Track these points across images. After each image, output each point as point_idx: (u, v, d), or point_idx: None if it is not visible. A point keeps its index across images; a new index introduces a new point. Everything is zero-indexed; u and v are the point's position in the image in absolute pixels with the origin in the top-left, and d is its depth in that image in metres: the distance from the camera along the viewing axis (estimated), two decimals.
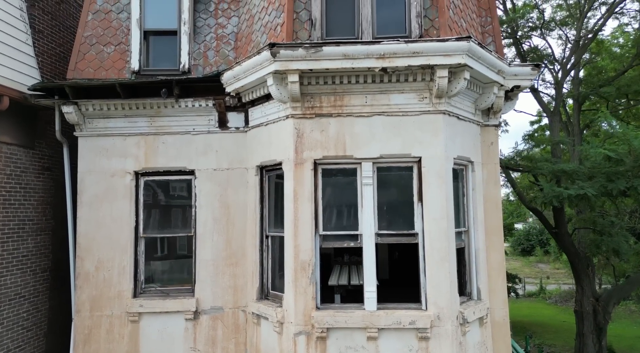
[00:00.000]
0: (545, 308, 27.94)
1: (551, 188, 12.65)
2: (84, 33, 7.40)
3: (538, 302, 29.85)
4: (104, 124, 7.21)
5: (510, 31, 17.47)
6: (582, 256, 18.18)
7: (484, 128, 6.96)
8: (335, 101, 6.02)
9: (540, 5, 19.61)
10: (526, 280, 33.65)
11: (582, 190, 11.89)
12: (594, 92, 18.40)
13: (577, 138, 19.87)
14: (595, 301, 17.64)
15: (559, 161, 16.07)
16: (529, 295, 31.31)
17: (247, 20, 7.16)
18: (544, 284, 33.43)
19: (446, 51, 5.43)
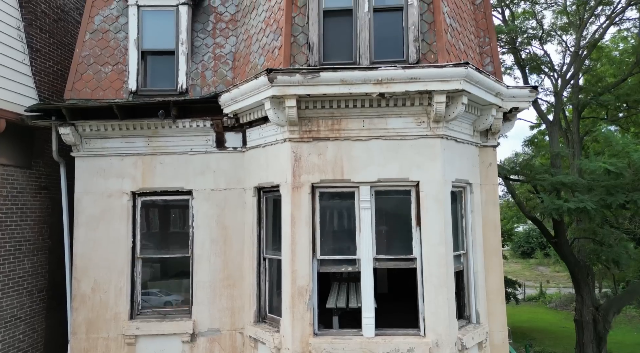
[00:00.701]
0: (545, 313, 27.84)
1: (551, 200, 12.62)
2: (81, 53, 7.38)
3: (538, 306, 29.75)
4: (101, 144, 7.19)
5: (509, 40, 17.49)
6: (582, 265, 18.16)
7: (482, 149, 6.93)
8: (332, 124, 6.00)
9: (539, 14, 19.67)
10: (526, 283, 33.58)
11: (582, 203, 11.86)
12: (594, 100, 18.41)
13: (577, 145, 19.88)
14: (595, 311, 17.60)
15: (559, 172, 16.06)
16: (529, 299, 31.19)
17: (245, 40, 7.15)
18: (544, 288, 33.33)
19: (444, 76, 5.42)
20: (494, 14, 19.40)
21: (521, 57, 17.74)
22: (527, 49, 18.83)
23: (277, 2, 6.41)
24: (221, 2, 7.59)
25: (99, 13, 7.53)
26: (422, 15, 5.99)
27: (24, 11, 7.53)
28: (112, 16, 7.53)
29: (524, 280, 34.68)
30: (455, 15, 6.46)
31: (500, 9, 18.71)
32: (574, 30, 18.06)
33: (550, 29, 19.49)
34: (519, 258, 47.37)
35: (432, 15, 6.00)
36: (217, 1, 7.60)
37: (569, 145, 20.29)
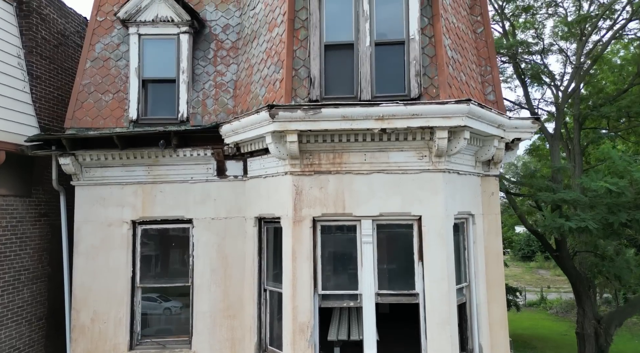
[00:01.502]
0: (546, 319, 27.67)
1: (553, 218, 12.58)
2: (82, 81, 7.37)
3: (539, 312, 29.58)
4: (101, 173, 7.16)
5: (509, 54, 17.50)
6: (584, 277, 18.10)
7: (484, 178, 6.89)
8: (334, 158, 5.96)
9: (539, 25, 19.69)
10: (526, 288, 33.42)
11: (584, 223, 11.83)
12: (595, 111, 18.42)
13: (578, 156, 19.84)
14: (597, 324, 17.51)
15: (560, 187, 16.03)
16: (529, 304, 30.98)
17: (247, 69, 7.13)
18: (544, 293, 33.14)
19: (445, 113, 5.39)
20: (494, 27, 19.49)
21: (522, 72, 17.75)
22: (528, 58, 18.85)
23: (278, 34, 6.39)
24: (222, 29, 7.58)
25: (100, 41, 7.53)
26: (423, 49, 5.98)
27: (24, 38, 7.53)
28: (113, 44, 7.52)
29: (525, 285, 34.53)
30: (456, 46, 6.44)
31: (500, 23, 18.75)
32: (575, 41, 18.06)
33: (551, 41, 19.54)
34: (519, 261, 47.21)
35: (433, 48, 5.98)
36: (218, 28, 7.59)
37: (570, 155, 20.27)
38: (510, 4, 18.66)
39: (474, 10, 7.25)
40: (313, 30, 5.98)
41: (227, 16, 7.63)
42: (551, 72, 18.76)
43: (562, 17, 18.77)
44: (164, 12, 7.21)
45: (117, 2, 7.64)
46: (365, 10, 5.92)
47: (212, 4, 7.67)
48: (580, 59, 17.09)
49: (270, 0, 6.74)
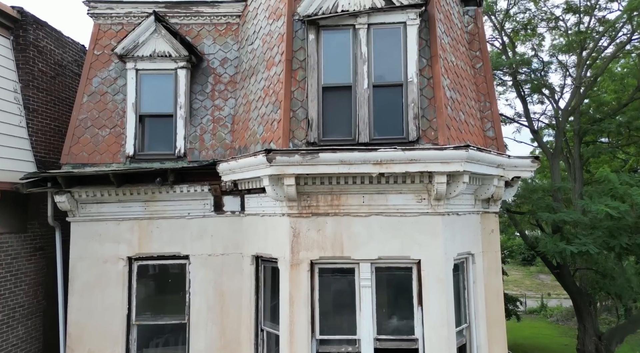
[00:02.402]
0: (546, 327, 27.43)
1: (554, 242, 12.49)
2: (78, 115, 7.32)
3: (539, 320, 29.35)
4: (97, 209, 7.09)
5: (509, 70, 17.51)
6: (584, 294, 17.99)
7: (484, 215, 6.83)
8: (332, 200, 5.90)
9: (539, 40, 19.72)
10: (527, 294, 33.20)
11: (585, 247, 11.77)
12: (595, 125, 18.42)
13: (578, 171, 19.81)
14: (598, 340, 17.37)
15: (560, 205, 15.96)
16: (530, 311, 30.73)
17: (245, 105, 7.09)
18: (545, 300, 32.89)
19: (444, 158, 5.33)
20: (494, 43, 19.54)
21: (522, 89, 17.75)
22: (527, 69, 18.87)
23: (276, 73, 6.36)
24: (220, 63, 7.55)
25: (97, 74, 7.49)
26: (422, 90, 5.94)
27: (20, 72, 7.50)
28: (110, 78, 7.49)
29: (525, 291, 34.29)
30: (455, 85, 6.40)
31: (500, 39, 18.78)
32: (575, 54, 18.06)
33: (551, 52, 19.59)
34: (519, 265, 46.98)
35: (432, 90, 5.94)
36: (216, 62, 7.56)
37: (570, 169, 20.25)
38: (510, 21, 18.74)
39: (472, 46, 7.22)
40: (311, 72, 5.95)
41: (225, 50, 7.60)
42: (551, 86, 18.77)
43: (563, 31, 18.78)
44: (161, 47, 7.18)
45: (114, 35, 7.62)
46: (364, 52, 5.89)
47: (210, 38, 7.65)
48: (580, 73, 17.06)
49: (268, 38, 6.71)
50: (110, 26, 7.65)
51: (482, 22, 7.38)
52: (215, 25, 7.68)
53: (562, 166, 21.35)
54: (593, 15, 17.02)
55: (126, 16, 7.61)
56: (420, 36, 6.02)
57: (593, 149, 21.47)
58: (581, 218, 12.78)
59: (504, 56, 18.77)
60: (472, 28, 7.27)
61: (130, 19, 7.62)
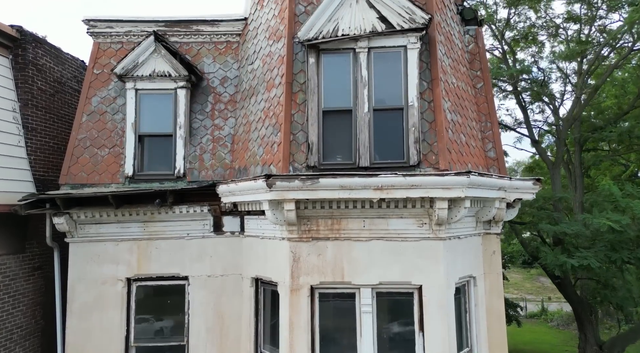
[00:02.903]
0: (547, 332, 27.25)
1: (555, 255, 12.45)
2: (78, 135, 7.29)
3: (540, 325, 29.18)
4: (96, 229, 7.04)
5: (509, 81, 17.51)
6: (585, 303, 17.92)
7: (485, 237, 6.77)
8: (332, 224, 5.86)
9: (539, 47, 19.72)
10: (527, 297, 33.05)
11: (586, 261, 11.73)
12: (596, 134, 18.39)
13: (579, 179, 19.77)
14: (599, 350, 17.29)
15: (561, 216, 15.92)
16: (530, 316, 30.55)
17: (245, 125, 7.05)
18: (545, 304, 32.72)
19: (445, 184, 5.29)
20: (494, 53, 19.54)
21: (523, 99, 17.74)
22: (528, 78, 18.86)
23: (276, 96, 6.33)
24: (220, 82, 7.52)
25: (97, 94, 7.46)
26: (422, 114, 5.90)
27: (19, 91, 7.47)
28: (109, 97, 7.45)
29: (525, 294, 34.10)
30: (456, 107, 6.37)
31: (500, 49, 18.77)
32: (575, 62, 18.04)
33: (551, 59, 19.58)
34: (519, 267, 46.78)
35: (432, 113, 5.91)
36: (216, 81, 7.53)
37: (571, 178, 20.21)
38: (510, 29, 18.74)
39: (473, 65, 7.19)
40: (311, 96, 5.91)
41: (225, 68, 7.57)
42: (551, 93, 18.73)
43: (563, 39, 18.75)
44: (161, 67, 7.15)
45: (114, 54, 7.59)
46: (364, 76, 5.86)
47: (210, 56, 7.62)
48: (581, 83, 17.03)
49: (268, 59, 6.68)
50: (110, 45, 7.62)
51: (483, 42, 7.36)
52: (215, 44, 7.66)
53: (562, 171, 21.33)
54: (594, 26, 17.03)
55: (126, 35, 7.59)
56: (421, 59, 5.99)
57: (594, 157, 21.45)
58: (582, 231, 12.72)
59: (503, 65, 18.78)
60: (473, 47, 7.25)
61: (130, 38, 7.60)
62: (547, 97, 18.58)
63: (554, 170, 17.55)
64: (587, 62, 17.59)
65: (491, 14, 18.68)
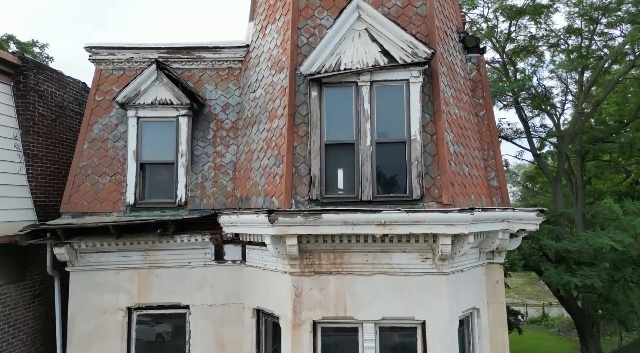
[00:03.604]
0: (548, 339, 27.05)
1: (558, 274, 12.40)
2: (79, 163, 7.27)
3: (540, 331, 28.97)
4: (97, 258, 7.01)
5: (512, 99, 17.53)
6: (587, 315, 17.84)
7: (488, 266, 6.73)
8: (335, 258, 5.82)
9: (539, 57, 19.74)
10: (527, 302, 32.88)
11: (589, 280, 11.69)
12: (597, 146, 18.38)
13: (580, 190, 19.74)
14: None
15: (562, 231, 15.88)
16: (531, 321, 30.33)
17: (247, 153, 7.03)
18: (546, 309, 32.52)
19: (449, 221, 5.26)
20: (495, 66, 19.56)
21: (524, 114, 17.75)
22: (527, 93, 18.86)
23: (278, 127, 6.31)
24: (222, 109, 7.51)
25: (98, 121, 7.45)
26: (425, 147, 5.88)
27: (21, 118, 7.46)
28: (111, 124, 7.44)
29: (526, 298, 33.91)
30: (459, 138, 6.35)
31: (501, 61, 18.79)
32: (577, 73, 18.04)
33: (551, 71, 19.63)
34: (520, 271, 46.58)
35: (435, 147, 5.88)
36: (218, 108, 7.52)
37: (572, 188, 20.18)
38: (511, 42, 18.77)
39: (475, 93, 7.18)
40: (313, 129, 5.89)
41: (227, 95, 7.56)
42: (551, 102, 18.72)
43: (564, 48, 18.72)
44: (163, 95, 7.14)
45: (115, 81, 7.59)
46: (366, 109, 5.84)
47: (212, 83, 7.61)
48: (582, 98, 17.03)
49: (270, 89, 6.67)
50: (112, 71, 7.62)
51: (485, 70, 7.35)
52: (217, 70, 7.65)
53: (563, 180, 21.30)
54: (594, 40, 17.06)
55: (128, 61, 7.59)
56: (423, 91, 5.97)
57: (595, 168, 21.41)
58: (584, 248, 12.68)
59: (504, 78, 18.81)
60: (475, 75, 7.24)
61: (132, 64, 7.60)
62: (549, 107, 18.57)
63: (556, 184, 17.52)
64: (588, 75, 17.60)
65: (492, 27, 18.74)
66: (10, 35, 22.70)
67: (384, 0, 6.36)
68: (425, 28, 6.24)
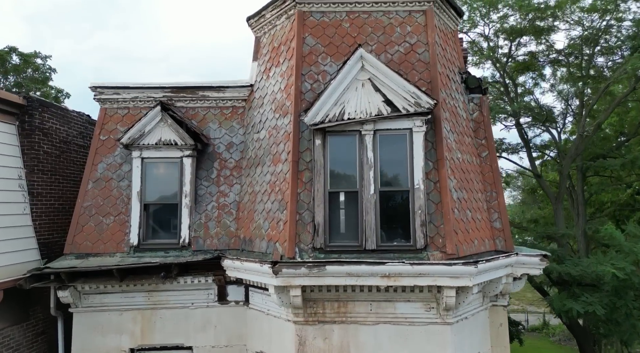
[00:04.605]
0: (549, 348, 26.82)
1: (560, 300, 12.39)
2: (83, 203, 7.29)
3: (541, 339, 28.78)
4: (100, 299, 7.01)
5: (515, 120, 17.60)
6: (588, 333, 17.79)
7: (492, 309, 6.73)
8: (339, 307, 5.82)
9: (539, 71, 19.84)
10: (528, 309, 32.66)
11: (591, 307, 11.68)
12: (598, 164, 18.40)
13: (582, 206, 19.73)
14: None
15: (564, 252, 15.88)
16: (532, 329, 30.10)
17: (250, 194, 7.05)
18: (547, 316, 32.29)
19: (453, 274, 5.28)
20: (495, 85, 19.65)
21: (525, 134, 17.82)
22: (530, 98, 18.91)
23: (282, 172, 6.34)
24: (226, 147, 7.54)
25: (103, 160, 7.48)
26: (428, 195, 5.90)
27: (26, 158, 7.49)
28: (115, 163, 7.47)
29: (526, 305, 33.72)
30: (462, 182, 6.37)
31: (502, 82, 18.88)
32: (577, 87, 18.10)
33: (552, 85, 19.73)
34: None
35: (438, 194, 5.90)
36: (222, 147, 7.55)
37: (573, 204, 20.19)
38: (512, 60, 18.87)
39: (478, 133, 7.21)
40: (317, 176, 5.92)
41: (231, 134, 7.60)
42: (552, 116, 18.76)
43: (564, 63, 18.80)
44: (167, 135, 7.18)
45: (120, 120, 7.63)
46: (370, 157, 5.87)
47: (215, 121, 7.65)
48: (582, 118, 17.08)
49: (274, 132, 6.71)
50: (117, 110, 7.67)
51: (488, 110, 7.39)
52: (221, 109, 7.70)
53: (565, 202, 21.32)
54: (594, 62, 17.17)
55: (132, 101, 7.64)
56: (426, 138, 6.00)
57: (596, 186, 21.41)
58: (587, 273, 12.68)
59: (506, 98, 18.90)
60: (477, 116, 7.28)
61: (136, 103, 7.65)
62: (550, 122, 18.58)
63: (557, 204, 17.52)
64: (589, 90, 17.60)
65: (493, 47, 18.86)
66: (12, 47, 22.83)
67: (387, 47, 6.42)
68: (427, 75, 6.29)
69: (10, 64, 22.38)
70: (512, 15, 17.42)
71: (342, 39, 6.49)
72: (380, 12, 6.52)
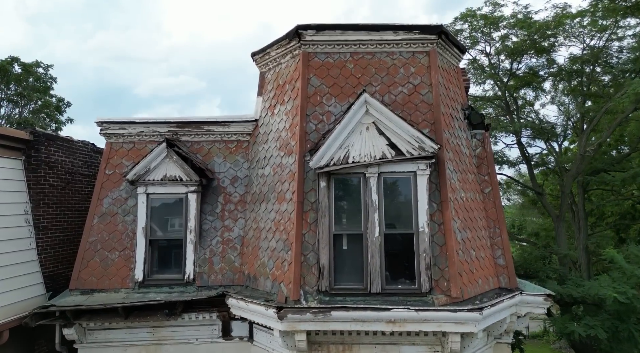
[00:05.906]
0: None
1: (562, 323, 12.39)
2: (88, 238, 7.33)
3: (542, 347, 28.55)
4: (105, 335, 7.03)
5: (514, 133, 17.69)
6: (589, 349, 17.73)
7: (496, 346, 6.74)
8: (344, 350, 5.85)
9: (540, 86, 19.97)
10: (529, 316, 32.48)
11: (593, 330, 11.69)
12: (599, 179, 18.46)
13: (582, 221, 19.78)
14: None
15: (565, 271, 15.91)
16: (532, 336, 29.91)
17: (254, 230, 7.09)
18: (547, 324, 32.08)
19: (458, 320, 5.31)
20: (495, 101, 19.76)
21: (527, 152, 17.90)
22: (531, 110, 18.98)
23: (287, 211, 6.38)
24: (230, 182, 7.60)
25: (108, 195, 7.53)
26: (433, 237, 5.94)
27: (32, 192, 7.54)
28: (120, 198, 7.52)
29: None
30: (465, 222, 6.41)
31: (503, 99, 18.99)
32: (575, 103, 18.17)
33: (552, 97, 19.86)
34: (521, 278, 46.06)
35: (443, 237, 5.94)
36: (227, 181, 7.61)
37: (575, 218, 20.24)
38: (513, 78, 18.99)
39: (481, 169, 7.26)
40: (322, 218, 5.97)
41: (236, 168, 7.65)
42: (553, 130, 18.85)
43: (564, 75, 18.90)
44: (172, 171, 7.24)
45: (125, 154, 7.69)
46: (374, 200, 5.92)
47: (220, 155, 7.71)
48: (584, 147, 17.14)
49: (279, 170, 6.76)
50: (122, 144, 7.73)
51: (490, 146, 7.45)
52: (226, 143, 7.76)
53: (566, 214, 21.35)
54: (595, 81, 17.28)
55: (138, 135, 7.70)
56: (430, 180, 6.05)
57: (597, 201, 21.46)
58: (588, 296, 12.71)
59: (507, 116, 19.01)
60: (481, 152, 7.33)
61: (142, 138, 7.71)
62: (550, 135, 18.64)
63: (558, 223, 17.56)
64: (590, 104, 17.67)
65: (494, 64, 18.99)
66: (14, 57, 22.96)
67: (391, 88, 6.49)
68: (431, 115, 6.35)
69: (12, 74, 22.49)
70: (513, 34, 17.57)
71: (346, 79, 6.56)
72: (384, 53, 6.59)
